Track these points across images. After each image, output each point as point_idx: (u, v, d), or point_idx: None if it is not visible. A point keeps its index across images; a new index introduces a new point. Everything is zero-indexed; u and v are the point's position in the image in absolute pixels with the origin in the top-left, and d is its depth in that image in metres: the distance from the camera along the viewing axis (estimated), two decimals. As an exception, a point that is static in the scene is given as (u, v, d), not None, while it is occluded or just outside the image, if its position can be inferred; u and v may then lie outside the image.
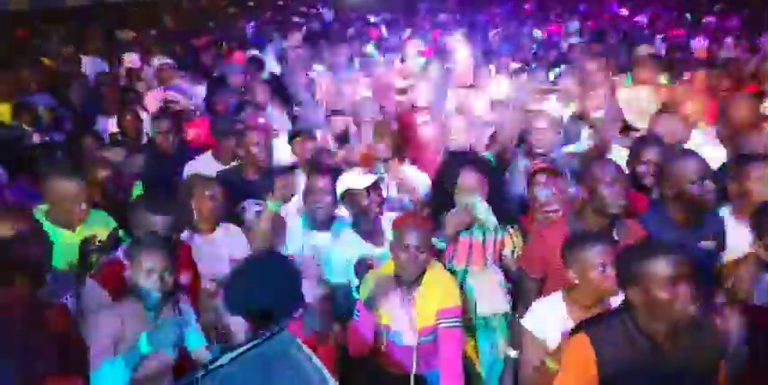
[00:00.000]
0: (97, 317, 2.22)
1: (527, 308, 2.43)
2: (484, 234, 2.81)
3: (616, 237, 2.49)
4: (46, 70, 6.16)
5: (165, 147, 3.96)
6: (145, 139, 4.47)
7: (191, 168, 3.64)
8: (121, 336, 2.17)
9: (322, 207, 2.87)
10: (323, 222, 2.92)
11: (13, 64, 5.90)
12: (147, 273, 2.20)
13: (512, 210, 3.02)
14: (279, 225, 2.90)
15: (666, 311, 1.79)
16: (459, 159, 3.01)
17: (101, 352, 2.13)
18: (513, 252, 2.86)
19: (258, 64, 6.38)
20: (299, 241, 2.91)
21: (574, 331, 2.03)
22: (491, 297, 2.70)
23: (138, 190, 3.51)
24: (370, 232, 2.83)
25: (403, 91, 4.43)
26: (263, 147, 3.45)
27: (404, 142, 3.58)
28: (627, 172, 2.84)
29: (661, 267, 1.79)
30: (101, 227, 2.82)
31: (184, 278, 2.63)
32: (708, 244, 2.65)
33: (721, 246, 2.71)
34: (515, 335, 2.66)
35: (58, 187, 2.77)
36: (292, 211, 3.09)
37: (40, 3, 10.59)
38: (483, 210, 2.66)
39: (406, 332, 2.50)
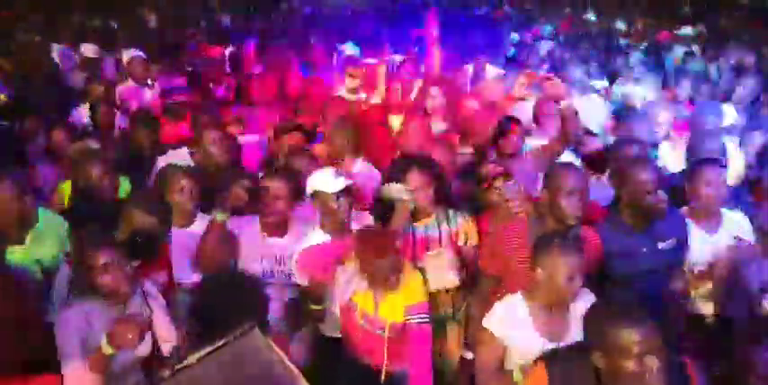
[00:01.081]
0: (62, 315, 2.20)
1: (483, 305, 2.48)
2: (439, 229, 2.85)
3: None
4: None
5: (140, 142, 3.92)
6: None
7: (164, 161, 3.54)
8: (89, 334, 2.15)
9: (275, 212, 2.82)
10: (277, 228, 2.88)
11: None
12: (104, 268, 2.17)
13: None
14: (226, 237, 2.80)
15: (631, 381, 1.79)
16: (407, 159, 3.00)
17: (69, 353, 2.11)
18: (465, 242, 2.89)
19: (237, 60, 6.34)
20: (254, 248, 2.86)
21: (536, 361, 2.07)
22: (440, 272, 2.71)
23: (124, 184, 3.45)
24: (338, 232, 2.81)
25: (354, 90, 4.31)
26: (220, 145, 3.40)
27: (362, 141, 3.54)
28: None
29: (631, 339, 1.76)
30: (52, 234, 2.75)
31: (161, 276, 2.63)
32: (668, 244, 2.74)
33: (683, 243, 2.81)
34: (470, 335, 2.72)
35: None
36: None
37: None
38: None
39: (375, 320, 2.54)
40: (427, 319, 2.55)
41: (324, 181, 2.74)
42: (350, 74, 3.25)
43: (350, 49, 7.81)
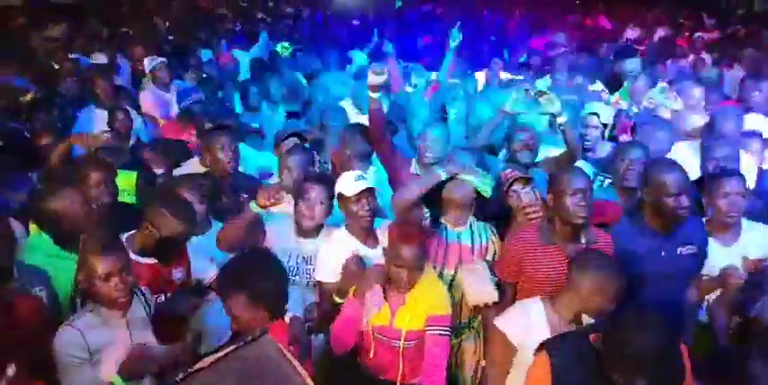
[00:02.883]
0: (58, 335, 2.14)
1: (500, 312, 2.47)
2: (472, 240, 2.87)
3: (583, 242, 2.58)
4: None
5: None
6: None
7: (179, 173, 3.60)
8: (88, 349, 2.12)
9: (311, 216, 2.84)
10: (311, 230, 2.90)
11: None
12: (105, 277, 2.13)
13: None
14: (255, 226, 2.85)
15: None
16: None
17: (66, 371, 2.09)
18: (493, 257, 2.90)
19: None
20: (286, 246, 2.88)
21: (537, 350, 2.06)
22: (480, 287, 2.70)
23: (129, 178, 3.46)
24: (362, 234, 2.83)
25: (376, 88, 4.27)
26: (229, 150, 3.40)
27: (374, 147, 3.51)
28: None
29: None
30: None
31: (179, 273, 2.64)
32: (687, 249, 2.70)
33: (703, 252, 2.78)
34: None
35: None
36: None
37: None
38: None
39: (390, 330, 2.51)
40: (448, 332, 2.52)
41: (345, 184, 2.77)
42: (375, 71, 3.25)
43: (359, 56, 7.87)
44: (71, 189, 2.68)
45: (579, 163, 3.48)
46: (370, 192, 2.77)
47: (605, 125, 4.25)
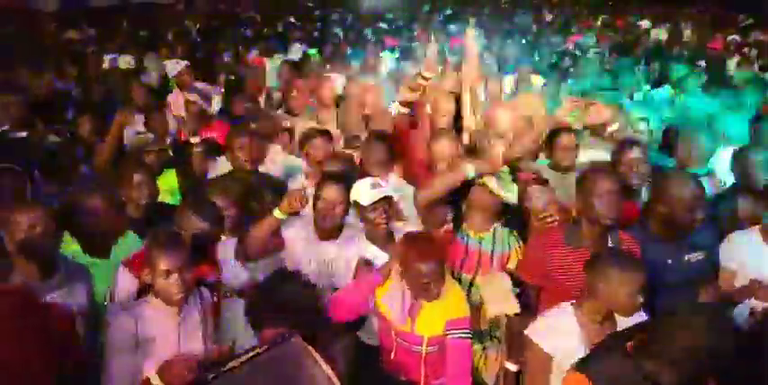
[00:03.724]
0: (112, 316, 2.24)
1: (527, 316, 2.45)
2: (493, 247, 2.84)
3: (610, 244, 2.54)
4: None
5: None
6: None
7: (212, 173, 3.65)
8: (137, 338, 2.18)
9: (330, 217, 2.82)
10: (330, 233, 2.88)
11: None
12: (165, 273, 2.18)
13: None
14: (278, 231, 2.85)
15: None
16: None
17: (113, 353, 2.15)
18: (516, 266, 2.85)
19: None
20: (305, 251, 2.88)
21: (575, 368, 2.00)
22: (501, 298, 2.65)
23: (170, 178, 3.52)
24: (380, 240, 2.82)
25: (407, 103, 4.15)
26: (250, 151, 3.41)
27: (396, 153, 3.48)
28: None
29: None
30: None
31: (210, 276, 2.65)
32: (696, 256, 2.66)
33: (713, 257, 2.73)
34: (514, 347, 2.65)
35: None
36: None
37: (70, 3, 10.84)
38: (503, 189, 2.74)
39: (412, 337, 2.51)
40: (469, 335, 2.50)
41: (360, 192, 2.74)
42: (412, 87, 3.25)
43: (388, 57, 7.88)
44: (103, 191, 2.75)
45: None
46: (386, 200, 2.74)
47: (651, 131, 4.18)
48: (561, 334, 2.23)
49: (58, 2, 10.80)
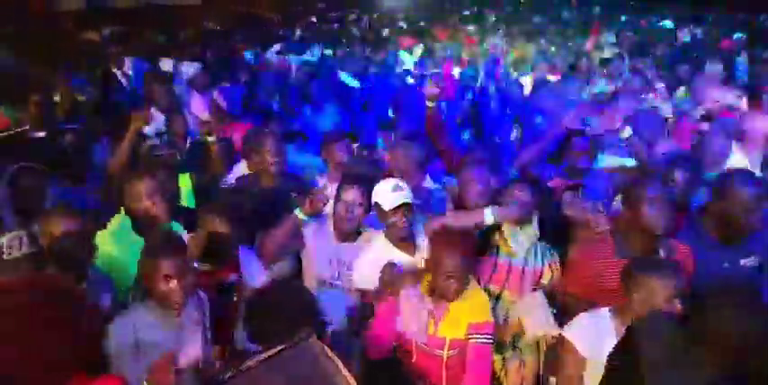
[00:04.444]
0: (112, 324, 2.19)
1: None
2: (525, 262, 2.78)
3: (662, 255, 2.49)
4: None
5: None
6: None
7: (229, 177, 3.70)
8: (136, 343, 2.15)
9: (349, 220, 2.84)
10: (349, 234, 2.90)
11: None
12: (165, 279, 2.15)
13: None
14: (298, 233, 2.88)
15: None
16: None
17: (115, 361, 2.13)
18: (549, 280, 2.81)
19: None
20: (325, 252, 2.89)
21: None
22: (541, 319, 2.65)
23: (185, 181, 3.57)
24: (400, 242, 2.81)
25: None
26: (276, 153, 3.41)
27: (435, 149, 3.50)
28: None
29: None
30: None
31: (232, 277, 2.68)
32: (750, 261, 2.60)
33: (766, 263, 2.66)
34: (554, 360, 2.59)
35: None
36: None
37: (94, 2, 10.99)
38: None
39: (434, 339, 2.50)
40: (491, 340, 2.47)
41: (382, 195, 2.74)
42: (433, 82, 3.27)
43: (406, 57, 7.89)
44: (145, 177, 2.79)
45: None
46: (407, 204, 2.73)
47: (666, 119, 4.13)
48: (597, 337, 2.22)
49: (82, 1, 10.94)
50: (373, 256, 2.77)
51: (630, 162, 3.49)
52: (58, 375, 1.83)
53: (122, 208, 2.83)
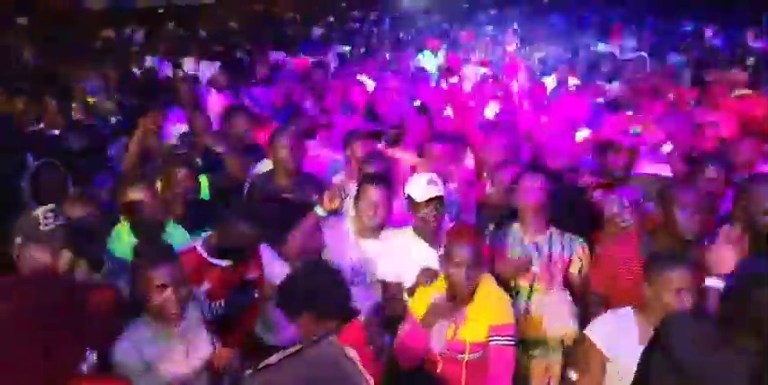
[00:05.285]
0: (115, 347, 2.12)
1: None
2: (550, 251, 2.73)
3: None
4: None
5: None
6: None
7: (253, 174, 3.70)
8: (144, 361, 2.12)
9: (371, 218, 2.83)
10: (372, 230, 2.89)
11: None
12: (160, 289, 2.10)
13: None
14: (319, 230, 2.88)
15: None
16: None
17: (131, 377, 2.09)
18: (579, 271, 2.76)
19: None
20: (347, 248, 2.89)
21: None
22: (560, 320, 2.63)
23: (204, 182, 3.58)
24: (428, 236, 2.80)
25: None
26: (292, 150, 3.40)
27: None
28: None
29: None
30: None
31: (252, 276, 2.69)
32: None
33: None
34: (577, 355, 2.57)
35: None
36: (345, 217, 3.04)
37: (117, 2, 11.14)
38: None
39: (454, 344, 2.46)
40: (512, 342, 2.43)
41: (416, 188, 2.75)
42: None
43: (424, 57, 7.87)
44: (146, 182, 2.83)
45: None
46: (439, 198, 2.73)
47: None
48: (619, 336, 2.20)
49: (105, 1, 11.11)
50: (399, 249, 2.77)
51: (666, 170, 3.43)
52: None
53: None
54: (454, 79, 3.71)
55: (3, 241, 2.35)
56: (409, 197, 2.78)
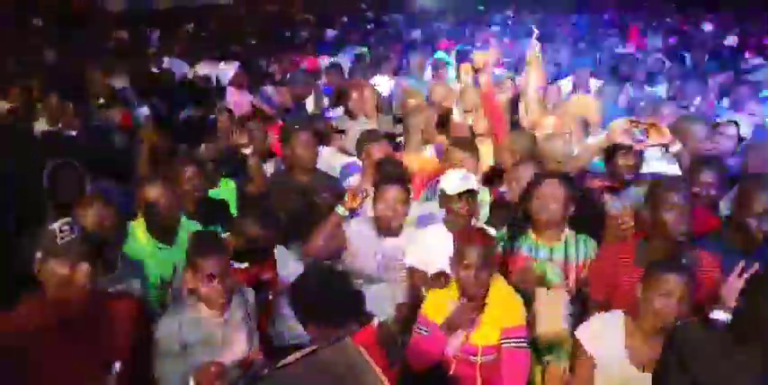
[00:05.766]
0: (159, 323, 2.21)
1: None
2: (565, 256, 2.68)
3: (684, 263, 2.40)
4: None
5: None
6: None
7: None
8: (182, 342, 2.17)
9: (391, 218, 2.85)
10: (392, 230, 2.90)
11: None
12: (209, 278, 2.16)
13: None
14: (340, 229, 2.90)
15: None
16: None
17: (159, 358, 2.15)
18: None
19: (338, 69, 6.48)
20: (368, 246, 2.89)
21: None
22: (554, 318, 2.58)
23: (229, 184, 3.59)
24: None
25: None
26: (308, 148, 3.44)
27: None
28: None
29: None
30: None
31: (268, 274, 2.70)
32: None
33: None
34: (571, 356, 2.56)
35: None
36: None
37: (136, 4, 11.26)
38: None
39: (467, 347, 2.44)
40: (525, 344, 2.41)
41: (449, 182, 2.78)
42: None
43: (441, 57, 7.83)
44: (163, 181, 2.85)
45: None
46: (471, 193, 2.75)
47: (742, 139, 3.98)
48: (607, 339, 2.22)
49: (124, 3, 11.23)
50: (430, 240, 2.79)
51: (675, 170, 3.37)
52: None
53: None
54: (482, 79, 3.67)
55: (23, 248, 2.36)
56: (442, 191, 2.79)
